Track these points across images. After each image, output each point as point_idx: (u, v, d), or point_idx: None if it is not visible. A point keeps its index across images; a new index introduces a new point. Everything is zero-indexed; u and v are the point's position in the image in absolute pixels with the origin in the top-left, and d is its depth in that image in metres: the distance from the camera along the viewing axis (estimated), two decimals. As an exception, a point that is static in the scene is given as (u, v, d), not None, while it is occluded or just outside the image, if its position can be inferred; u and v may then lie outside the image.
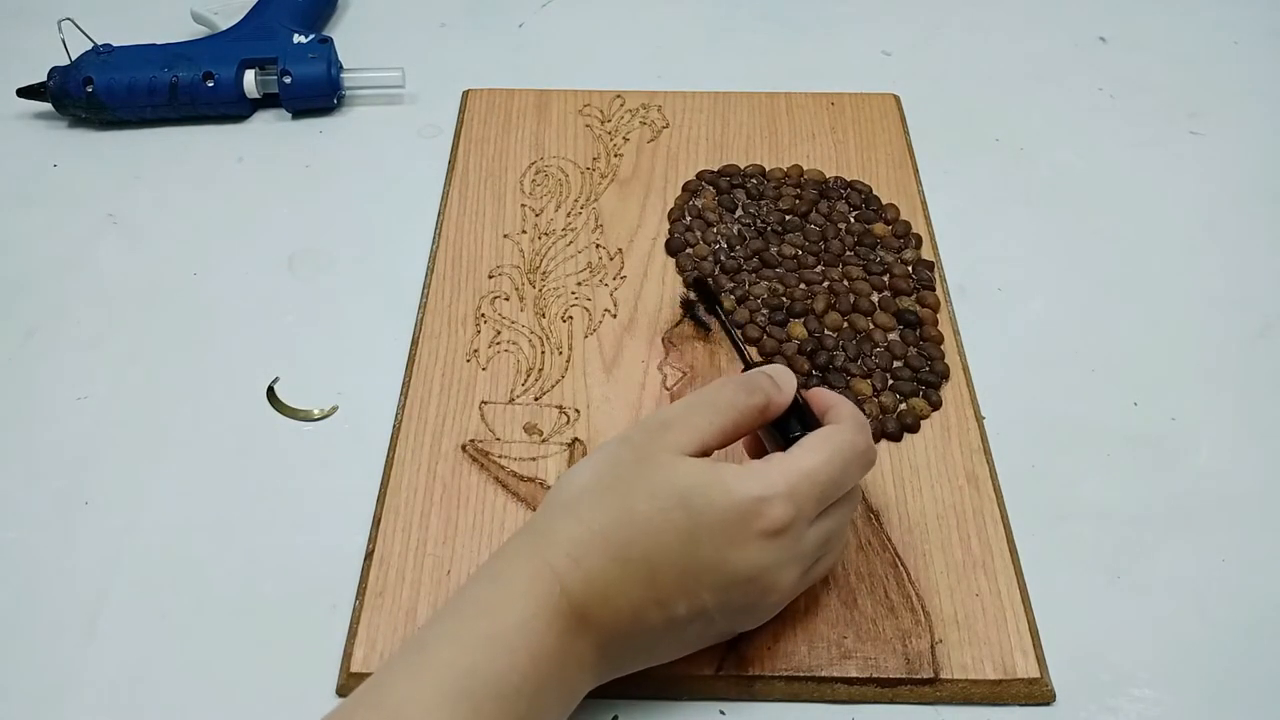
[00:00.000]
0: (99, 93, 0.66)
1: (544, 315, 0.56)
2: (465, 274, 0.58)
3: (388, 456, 0.50)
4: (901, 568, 0.46)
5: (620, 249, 0.60)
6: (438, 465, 0.50)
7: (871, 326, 0.55)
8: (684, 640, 0.40)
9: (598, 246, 0.60)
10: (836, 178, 0.64)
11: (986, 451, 0.51)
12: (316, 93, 0.69)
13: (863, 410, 0.51)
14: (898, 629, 0.44)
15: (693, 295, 0.57)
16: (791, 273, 0.58)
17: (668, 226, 0.61)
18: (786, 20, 0.78)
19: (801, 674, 0.43)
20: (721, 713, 0.43)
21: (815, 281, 0.58)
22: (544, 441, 0.51)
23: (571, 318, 0.56)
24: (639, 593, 0.37)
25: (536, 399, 0.52)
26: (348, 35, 0.76)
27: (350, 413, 0.53)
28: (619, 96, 0.70)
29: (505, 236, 0.61)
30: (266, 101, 0.70)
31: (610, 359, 0.54)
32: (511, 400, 0.52)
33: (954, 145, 0.68)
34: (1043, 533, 0.48)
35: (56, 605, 0.46)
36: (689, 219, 0.61)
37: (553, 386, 0.53)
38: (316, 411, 0.53)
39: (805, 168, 0.65)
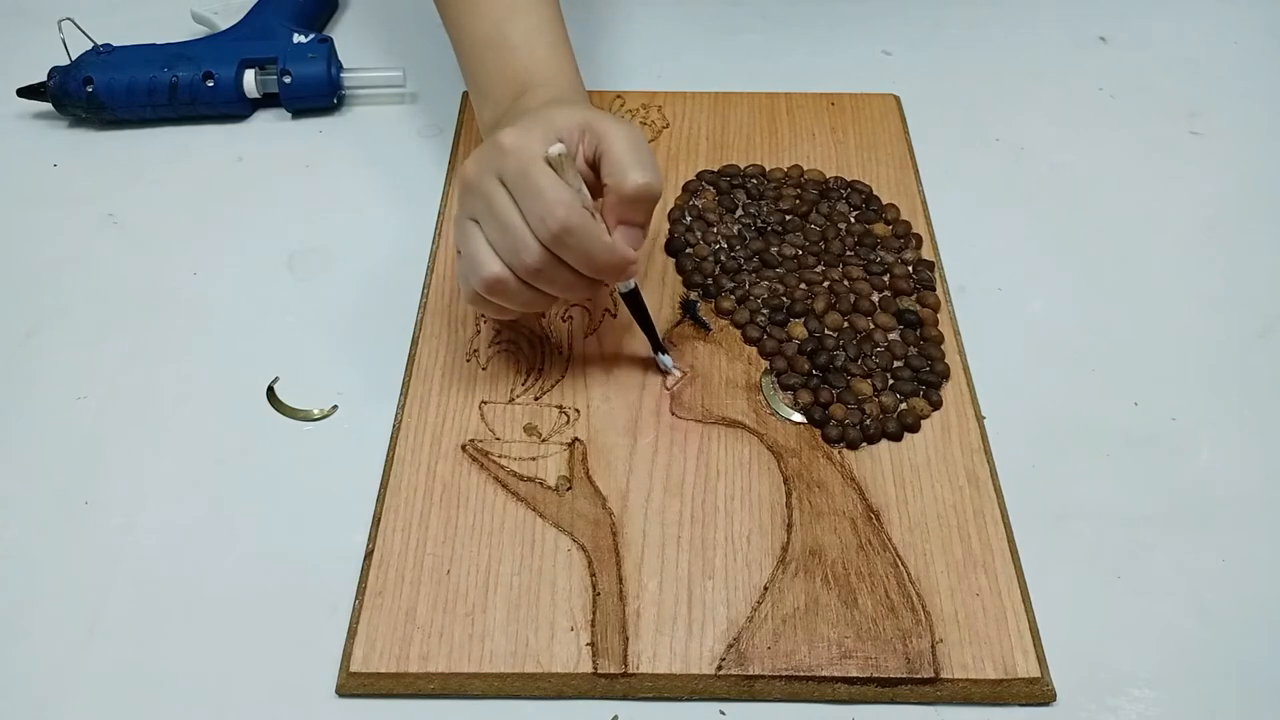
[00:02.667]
0: (99, 93, 0.66)
1: (544, 315, 0.56)
2: (465, 274, 0.58)
3: (387, 456, 0.50)
4: (902, 567, 0.46)
5: None
6: (437, 465, 0.50)
7: (872, 326, 0.55)
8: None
9: (598, 246, 0.60)
10: (836, 178, 0.64)
11: (987, 451, 0.51)
12: (316, 93, 0.69)
13: (863, 410, 0.51)
14: (898, 629, 0.44)
15: (692, 296, 0.57)
16: (792, 273, 0.58)
17: (668, 227, 0.61)
18: (786, 20, 0.78)
19: (801, 674, 0.43)
20: (721, 713, 0.43)
21: (816, 281, 0.58)
22: (544, 441, 0.51)
23: (571, 318, 0.56)
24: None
25: (536, 399, 0.52)
26: (348, 35, 0.76)
27: (350, 413, 0.53)
28: (619, 96, 0.70)
29: (505, 236, 0.60)
30: (266, 101, 0.70)
31: (610, 359, 0.54)
32: (511, 400, 0.52)
33: (954, 145, 0.68)
34: (1043, 533, 0.48)
35: (56, 605, 0.46)
36: (689, 219, 0.61)
37: (553, 386, 0.53)
38: (316, 411, 0.53)
39: (805, 168, 0.65)
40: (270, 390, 0.54)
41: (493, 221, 0.46)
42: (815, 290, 0.57)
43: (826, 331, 0.55)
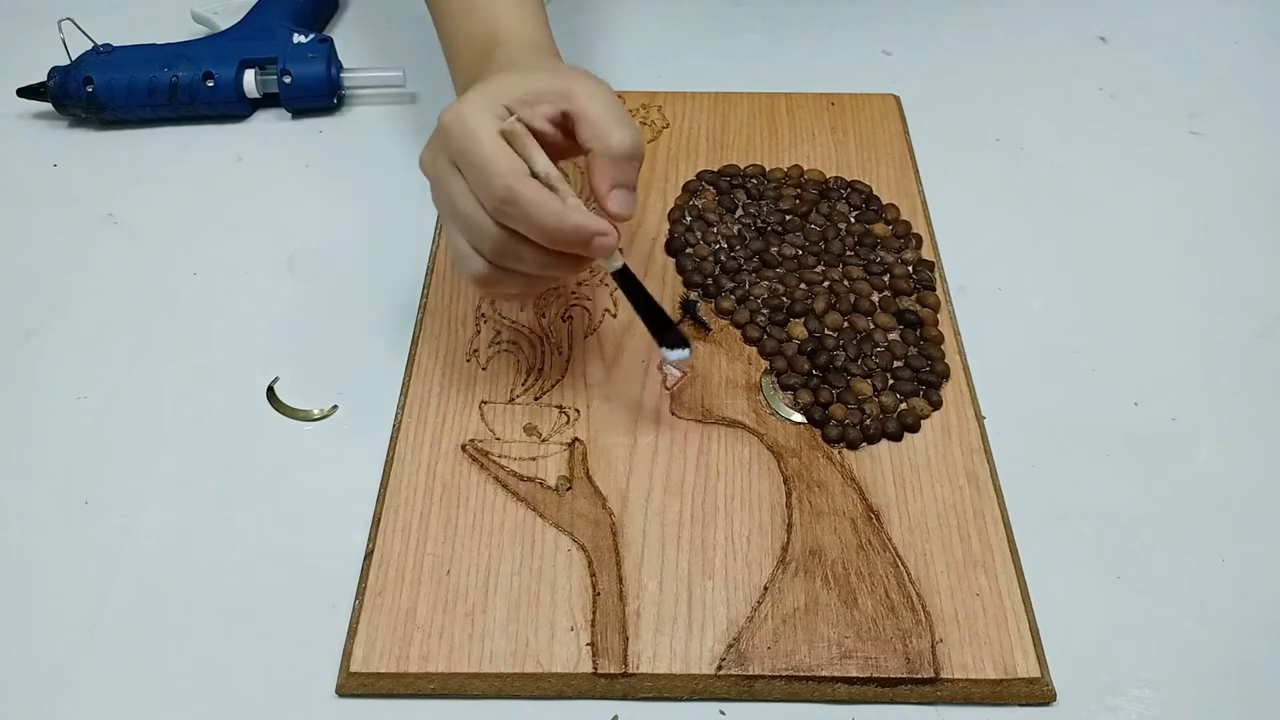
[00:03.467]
0: (99, 93, 0.66)
1: (544, 315, 0.56)
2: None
3: (387, 456, 0.50)
4: (902, 567, 0.46)
5: (620, 249, 0.60)
6: (437, 465, 0.50)
7: (872, 326, 0.55)
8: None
9: (598, 246, 0.60)
10: (836, 178, 0.64)
11: (987, 451, 0.51)
12: (316, 93, 0.69)
13: (863, 410, 0.51)
14: (898, 629, 0.44)
15: (692, 296, 0.57)
16: (792, 273, 0.58)
17: (668, 227, 0.61)
18: (786, 20, 0.78)
19: (801, 674, 0.43)
20: (721, 713, 0.43)
21: (816, 281, 0.58)
22: (544, 441, 0.51)
23: (571, 318, 0.56)
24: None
25: (536, 399, 0.52)
26: (348, 35, 0.77)
27: (350, 413, 0.53)
28: (619, 97, 0.70)
29: (505, 236, 0.60)
30: (266, 101, 0.70)
31: (610, 359, 0.54)
32: (511, 400, 0.52)
33: (954, 145, 0.68)
34: (1043, 533, 0.48)
35: (56, 605, 0.46)
36: (689, 219, 0.61)
37: (553, 386, 0.53)
38: (316, 411, 0.53)
39: (805, 168, 0.65)
40: (270, 390, 0.54)
41: (454, 214, 0.45)
42: (815, 290, 0.57)
43: (826, 331, 0.55)
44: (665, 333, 0.48)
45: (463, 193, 0.44)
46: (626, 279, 0.48)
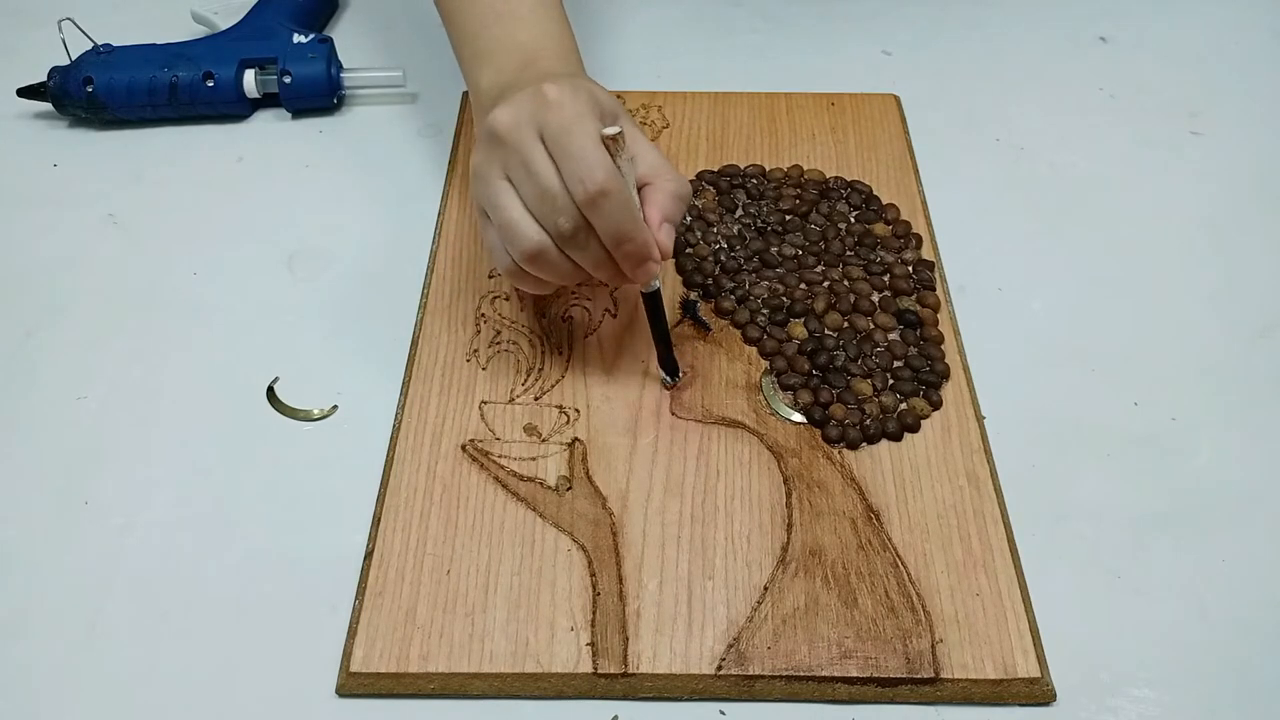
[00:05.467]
0: (99, 93, 0.66)
1: (544, 315, 0.56)
2: (465, 274, 0.58)
3: (387, 456, 0.50)
4: (902, 567, 0.46)
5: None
6: (437, 465, 0.50)
7: (872, 326, 0.55)
8: None
9: (598, 246, 0.60)
10: (836, 178, 0.64)
11: (987, 451, 0.51)
12: (316, 92, 0.69)
13: (863, 410, 0.51)
14: (898, 629, 0.44)
15: (692, 296, 0.57)
16: (792, 273, 0.58)
17: (668, 226, 0.61)
18: (786, 20, 0.78)
19: (801, 674, 0.43)
20: (721, 713, 0.43)
21: (816, 281, 0.58)
22: (544, 441, 0.51)
23: (571, 318, 0.56)
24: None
25: (536, 399, 0.52)
26: (348, 35, 0.76)
27: (350, 413, 0.53)
28: (619, 96, 0.70)
29: (505, 236, 0.60)
30: (266, 101, 0.70)
31: (610, 359, 0.54)
32: (511, 400, 0.52)
33: (954, 145, 0.68)
34: (1043, 533, 0.48)
35: (56, 605, 0.46)
36: (689, 219, 0.61)
37: (553, 386, 0.53)
38: (316, 411, 0.53)
39: (805, 168, 0.65)
40: (270, 390, 0.54)
41: (531, 182, 0.45)
42: (815, 290, 0.57)
43: (826, 331, 0.55)
44: (668, 361, 0.52)
45: (547, 166, 0.44)
46: (655, 305, 0.50)
